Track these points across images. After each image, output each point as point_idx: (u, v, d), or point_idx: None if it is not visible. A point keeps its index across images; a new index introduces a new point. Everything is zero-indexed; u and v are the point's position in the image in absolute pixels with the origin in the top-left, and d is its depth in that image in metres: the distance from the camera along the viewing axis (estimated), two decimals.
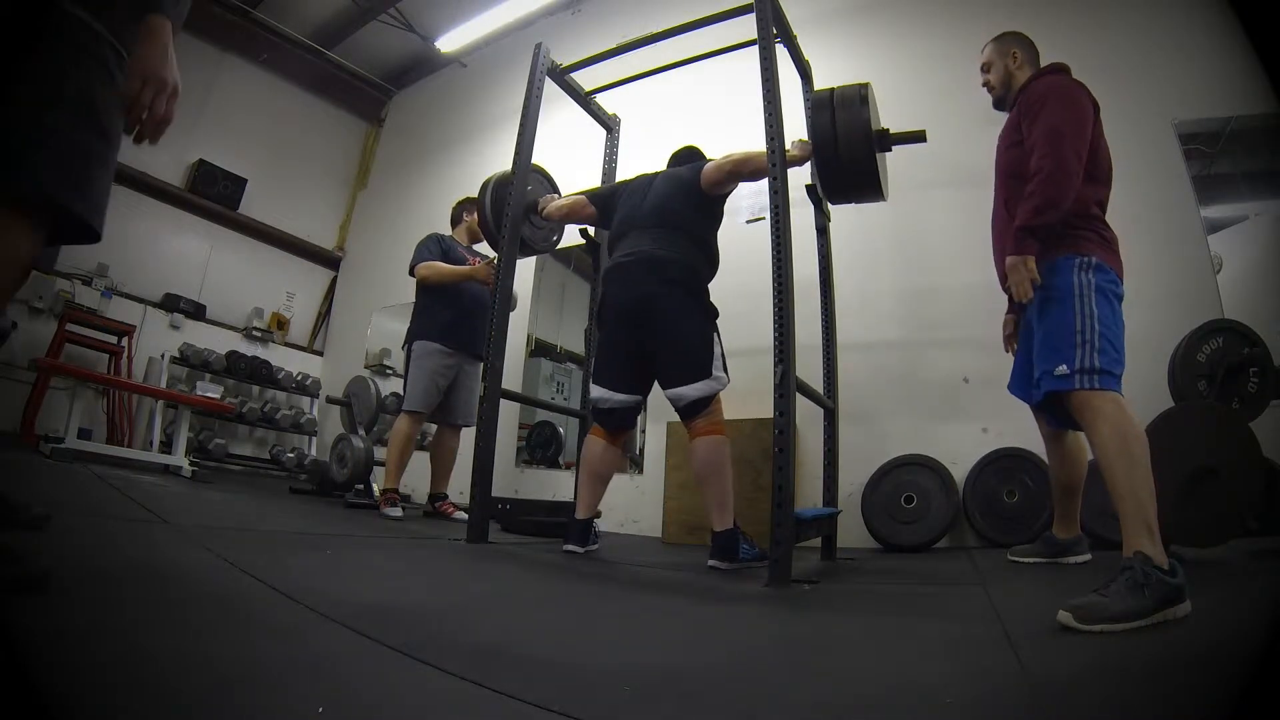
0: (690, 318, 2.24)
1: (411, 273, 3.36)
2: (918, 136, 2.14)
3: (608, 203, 2.59)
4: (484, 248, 3.47)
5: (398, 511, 3.00)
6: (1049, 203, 1.62)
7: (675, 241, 2.31)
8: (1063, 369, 1.49)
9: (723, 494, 2.15)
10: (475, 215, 3.32)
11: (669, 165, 2.68)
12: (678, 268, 2.26)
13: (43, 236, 1.01)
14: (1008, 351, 2.07)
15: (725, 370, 2.25)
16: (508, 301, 2.70)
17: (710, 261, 2.40)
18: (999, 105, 1.97)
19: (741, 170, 2.30)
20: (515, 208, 2.77)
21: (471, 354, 3.31)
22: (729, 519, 2.14)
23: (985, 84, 1.97)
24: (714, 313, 2.31)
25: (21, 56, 0.98)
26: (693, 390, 2.18)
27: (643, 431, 3.91)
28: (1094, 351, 1.48)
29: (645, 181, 2.54)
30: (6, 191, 0.95)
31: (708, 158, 2.64)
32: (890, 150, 2.19)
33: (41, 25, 0.99)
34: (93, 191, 1.03)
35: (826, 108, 2.11)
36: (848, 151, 2.08)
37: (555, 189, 3.16)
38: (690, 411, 2.20)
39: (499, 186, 2.94)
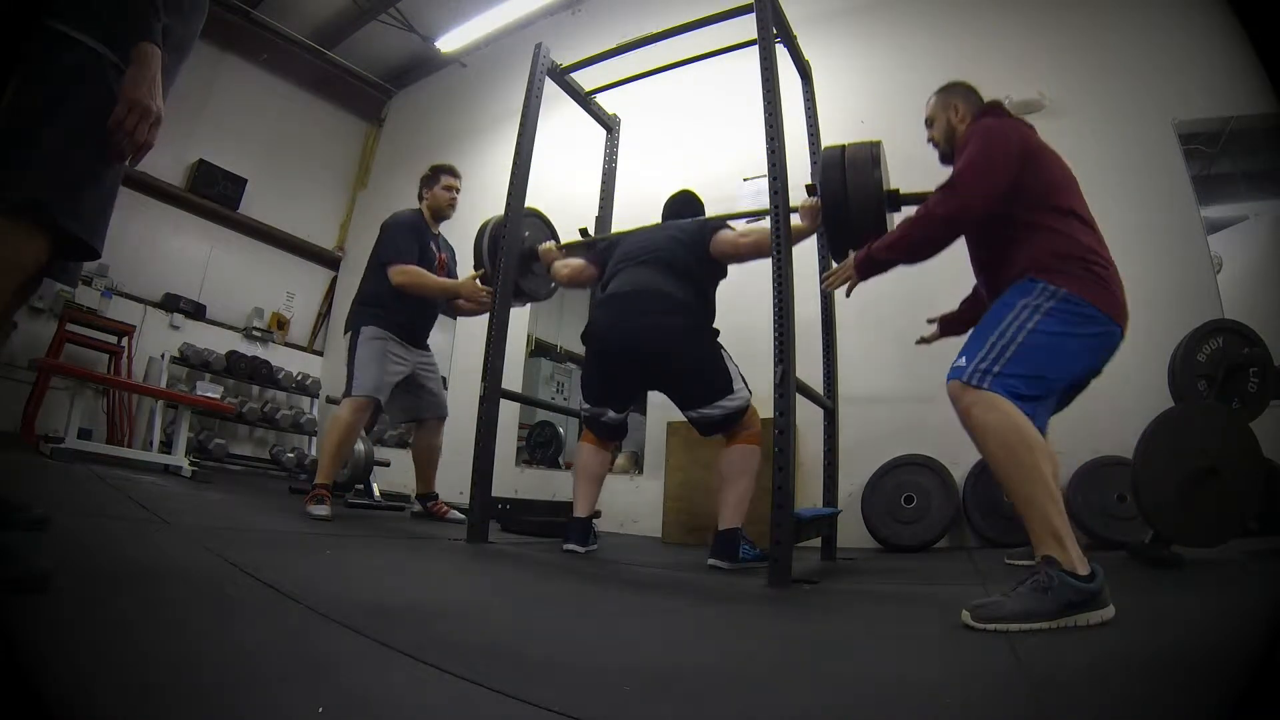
0: (695, 343, 2.25)
1: (382, 267, 2.91)
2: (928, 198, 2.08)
3: (606, 259, 2.55)
4: (446, 227, 3.24)
5: (325, 510, 2.58)
6: (904, 245, 1.63)
7: (674, 280, 2.30)
8: (961, 360, 1.43)
9: (741, 497, 2.18)
10: (435, 191, 3.09)
11: (665, 210, 2.69)
12: (675, 299, 2.26)
13: (43, 248, 1.02)
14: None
15: (745, 383, 2.27)
16: (505, 324, 2.66)
17: (708, 313, 2.38)
18: (944, 160, 1.90)
19: (759, 253, 2.23)
20: (514, 214, 2.77)
21: (423, 347, 3.09)
22: (736, 521, 2.16)
23: (930, 139, 1.91)
24: (715, 333, 2.34)
25: (19, 77, 1.00)
26: (716, 410, 2.20)
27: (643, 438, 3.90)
28: (1000, 359, 1.38)
29: (647, 230, 2.56)
30: (2, 201, 0.96)
31: (707, 210, 2.67)
32: (900, 210, 2.10)
33: (38, 48, 1.00)
34: (86, 207, 1.04)
35: (837, 167, 2.03)
36: (859, 215, 2.01)
37: (554, 234, 3.10)
38: (724, 425, 2.22)
39: (499, 229, 2.82)
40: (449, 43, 5.66)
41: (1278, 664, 0.73)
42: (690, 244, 2.37)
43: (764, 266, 2.11)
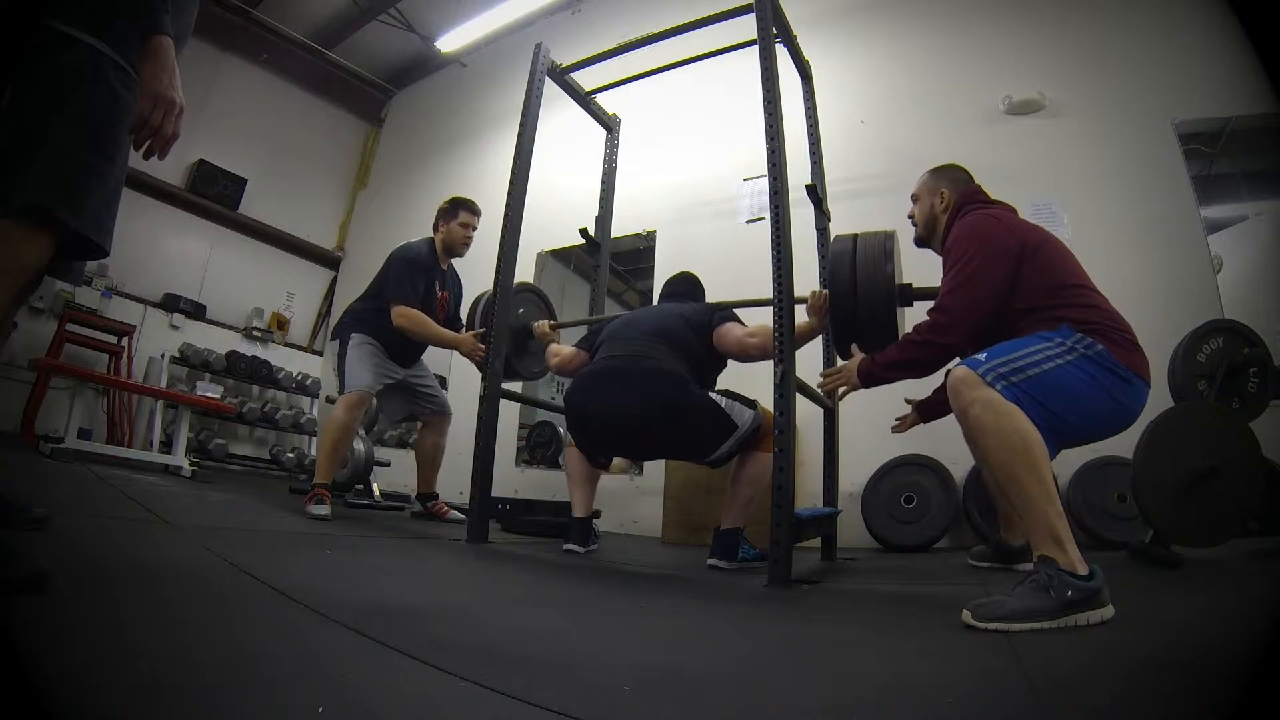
0: (685, 408, 2.10)
1: (387, 299, 2.90)
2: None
3: (596, 343, 2.45)
4: (459, 263, 3.25)
5: (325, 510, 2.59)
6: (906, 366, 1.64)
7: (667, 349, 2.20)
8: (981, 355, 1.39)
9: (747, 501, 2.17)
10: (451, 226, 3.06)
11: (665, 289, 2.64)
12: (664, 371, 2.14)
13: (47, 248, 1.02)
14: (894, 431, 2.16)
15: (746, 404, 2.17)
16: (505, 327, 2.66)
17: (702, 385, 2.25)
18: (919, 243, 1.90)
19: (765, 356, 2.10)
20: (513, 212, 2.77)
21: (411, 364, 3.10)
22: (739, 522, 2.17)
23: (910, 216, 1.90)
24: (707, 386, 2.25)
25: (20, 77, 1.00)
26: (722, 450, 2.14)
27: None
28: (1020, 374, 1.35)
29: (642, 309, 2.51)
30: (4, 203, 0.96)
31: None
32: (911, 305, 2.03)
33: (38, 48, 1.01)
34: (90, 206, 1.04)
35: (847, 259, 1.96)
36: (868, 311, 1.94)
37: (550, 310, 3.09)
38: (735, 454, 2.17)
39: (491, 304, 2.76)
40: (449, 43, 5.67)
41: (1278, 664, 0.73)
42: (695, 325, 2.28)
43: (763, 264, 2.11)
